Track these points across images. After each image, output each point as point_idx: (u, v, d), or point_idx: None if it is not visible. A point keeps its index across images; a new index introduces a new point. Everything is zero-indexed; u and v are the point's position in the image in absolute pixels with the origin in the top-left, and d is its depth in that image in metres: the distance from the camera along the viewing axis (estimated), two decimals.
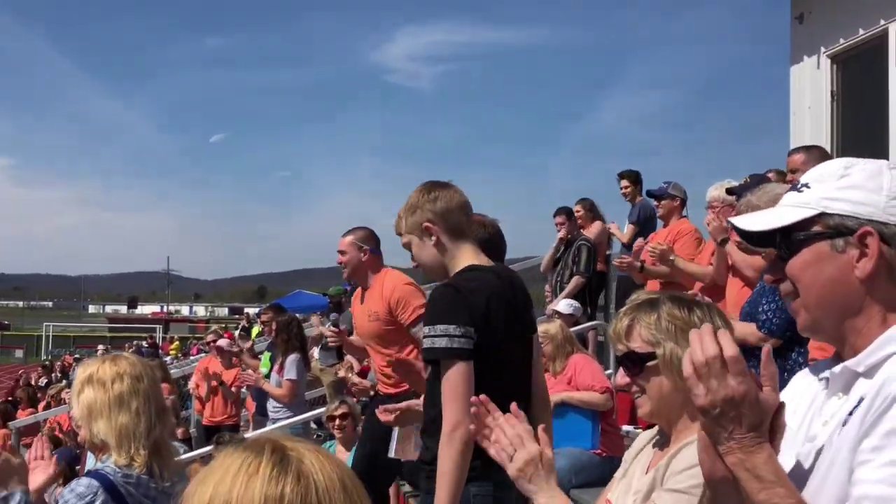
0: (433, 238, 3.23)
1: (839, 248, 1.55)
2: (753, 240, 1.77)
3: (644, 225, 8.94)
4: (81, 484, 2.57)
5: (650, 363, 2.05)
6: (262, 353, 10.06)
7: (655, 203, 7.78)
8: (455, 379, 2.96)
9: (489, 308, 3.08)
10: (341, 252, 5.47)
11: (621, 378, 2.13)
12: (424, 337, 3.05)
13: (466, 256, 3.23)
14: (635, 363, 2.07)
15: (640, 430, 6.86)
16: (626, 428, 7.04)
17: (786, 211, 1.66)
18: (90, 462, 6.76)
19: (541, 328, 5.95)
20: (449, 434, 2.93)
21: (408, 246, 3.37)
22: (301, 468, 1.11)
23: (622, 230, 9.30)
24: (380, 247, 5.53)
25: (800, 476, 1.52)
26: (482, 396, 2.16)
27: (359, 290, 5.68)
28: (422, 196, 3.26)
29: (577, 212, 9.54)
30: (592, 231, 9.57)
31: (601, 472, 5.91)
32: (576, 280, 8.79)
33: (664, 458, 2.11)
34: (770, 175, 6.04)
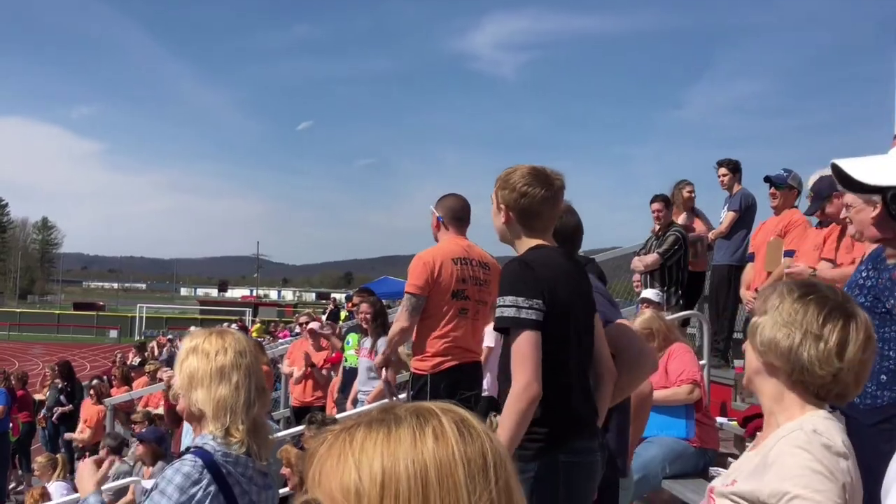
0: (503, 219, 3.44)
1: None
2: (854, 186, 1.69)
3: (745, 213, 8.75)
4: (186, 463, 2.56)
5: None
6: (347, 335, 10.09)
7: (771, 190, 7.58)
8: (524, 346, 3.12)
9: (556, 283, 3.23)
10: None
11: None
12: (496, 307, 3.22)
13: (528, 242, 3.41)
14: None
15: (734, 423, 6.74)
16: (720, 420, 6.91)
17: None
18: (185, 440, 6.87)
19: (641, 324, 5.86)
20: (519, 391, 3.08)
21: (492, 201, 3.52)
22: (479, 427, 1.05)
23: (720, 218, 9.10)
24: (455, 216, 5.50)
25: None
26: None
27: None
28: (516, 183, 3.39)
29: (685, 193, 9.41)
30: (683, 219, 9.41)
31: (695, 463, 5.82)
32: (651, 256, 8.69)
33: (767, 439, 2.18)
34: None
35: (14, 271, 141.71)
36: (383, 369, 5.96)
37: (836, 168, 1.72)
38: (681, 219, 9.37)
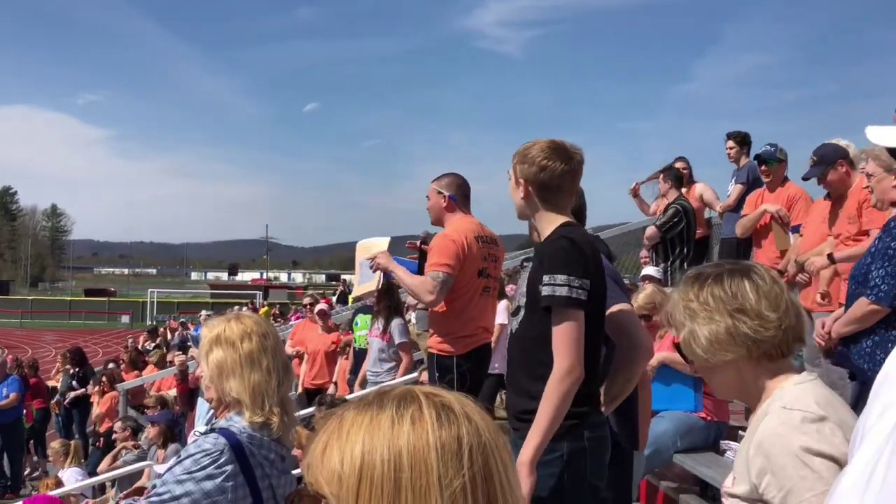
0: (522, 193, 3.39)
1: None
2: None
3: (752, 186, 8.70)
4: (208, 440, 2.57)
5: None
6: (356, 316, 10.08)
7: (762, 167, 7.63)
8: (572, 327, 3.10)
9: (596, 263, 3.24)
10: (427, 197, 5.46)
11: None
12: (543, 285, 3.14)
13: (552, 218, 3.36)
14: None
15: None
16: None
17: None
18: (199, 423, 6.91)
19: (644, 299, 5.84)
20: (563, 373, 3.06)
21: (509, 176, 3.48)
22: (466, 410, 1.05)
23: (727, 191, 9.07)
24: (464, 194, 5.44)
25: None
26: None
27: None
28: (536, 155, 3.34)
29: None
30: (696, 193, 9.39)
31: (705, 436, 5.81)
32: (650, 229, 8.67)
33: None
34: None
35: (25, 259, 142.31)
36: None
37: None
38: (693, 193, 9.36)
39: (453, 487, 0.98)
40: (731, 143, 9.06)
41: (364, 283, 6.21)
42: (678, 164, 9.45)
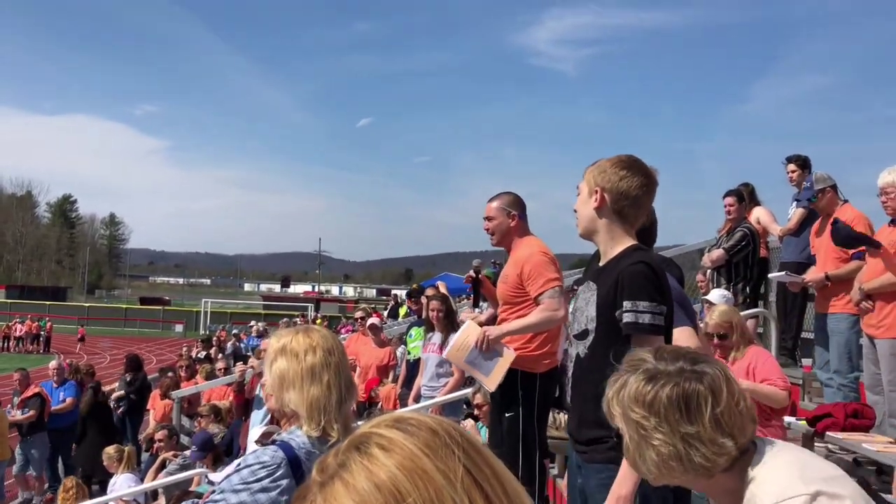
0: (596, 203, 3.28)
1: None
2: None
3: (813, 209, 8.58)
4: (267, 453, 2.58)
5: None
6: (410, 329, 10.09)
7: (810, 206, 7.72)
8: None
9: (668, 286, 3.22)
10: (488, 218, 5.37)
11: None
12: (626, 311, 3.11)
13: (620, 237, 3.30)
14: None
15: (802, 422, 6.62)
16: (788, 419, 6.79)
17: None
18: (252, 432, 6.96)
19: (721, 317, 5.78)
20: None
21: (578, 191, 3.42)
22: (417, 419, 1.00)
23: (788, 214, 8.96)
24: (526, 212, 5.41)
25: None
26: None
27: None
28: (615, 167, 3.29)
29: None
30: (752, 217, 9.28)
31: None
32: (717, 252, 8.54)
33: None
34: None
35: (83, 266, 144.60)
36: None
37: None
38: (752, 216, 9.24)
39: (458, 475, 0.93)
40: (792, 167, 8.96)
41: (493, 368, 5.14)
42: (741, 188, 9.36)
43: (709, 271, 8.84)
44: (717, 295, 8.00)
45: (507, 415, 5.18)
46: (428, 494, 0.91)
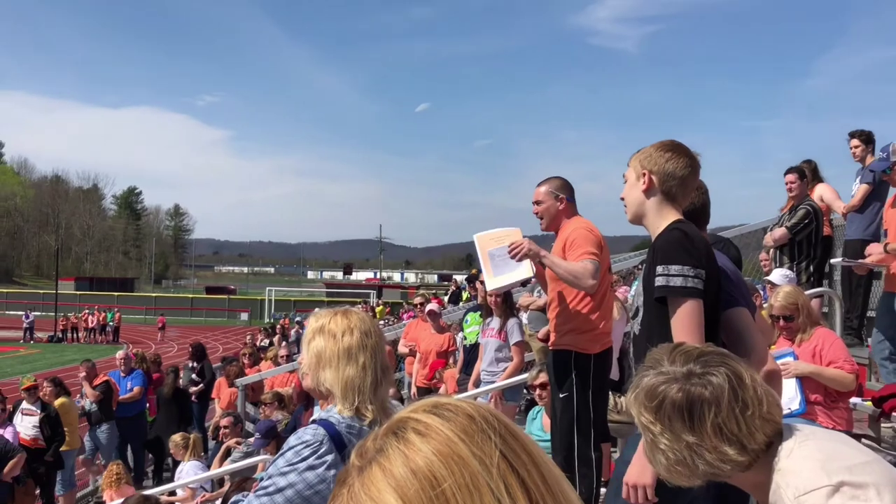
0: (644, 185, 3.34)
1: None
2: None
3: (878, 186, 8.41)
4: (308, 432, 2.61)
5: None
6: (467, 315, 10.10)
7: (884, 178, 7.43)
8: (688, 316, 3.04)
9: (710, 258, 3.19)
10: (537, 202, 5.36)
11: None
12: (657, 276, 3.12)
13: (668, 215, 3.32)
14: None
15: (868, 402, 6.50)
16: (853, 400, 6.67)
17: None
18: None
19: (786, 298, 5.70)
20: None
21: (625, 179, 3.47)
22: (452, 403, 1.01)
23: (851, 191, 8.78)
24: (574, 196, 5.38)
25: None
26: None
27: None
28: (659, 150, 3.35)
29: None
30: (815, 194, 9.10)
31: None
32: (779, 230, 8.41)
33: None
34: None
35: (149, 257, 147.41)
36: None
37: None
38: (814, 194, 9.07)
39: (495, 461, 0.93)
40: (855, 142, 8.78)
41: (504, 273, 5.45)
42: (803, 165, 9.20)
43: (772, 250, 8.71)
44: (778, 275, 7.86)
45: (560, 395, 5.17)
46: (463, 480, 0.92)
